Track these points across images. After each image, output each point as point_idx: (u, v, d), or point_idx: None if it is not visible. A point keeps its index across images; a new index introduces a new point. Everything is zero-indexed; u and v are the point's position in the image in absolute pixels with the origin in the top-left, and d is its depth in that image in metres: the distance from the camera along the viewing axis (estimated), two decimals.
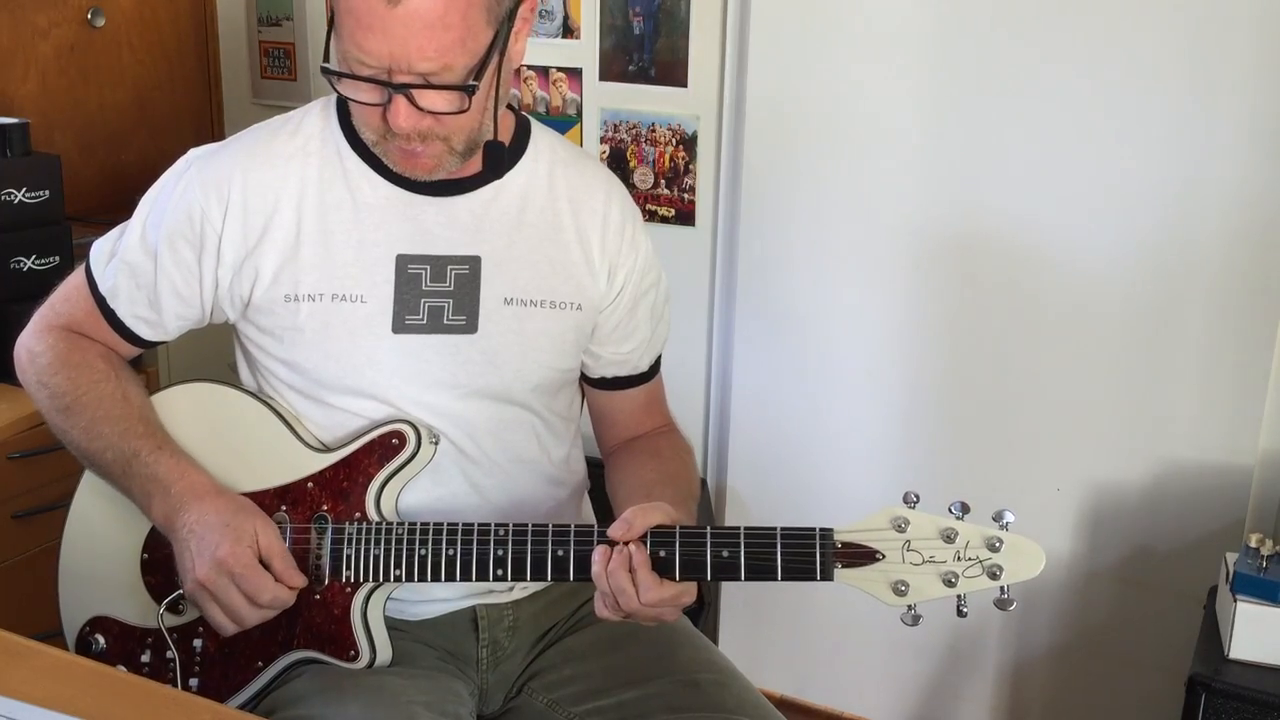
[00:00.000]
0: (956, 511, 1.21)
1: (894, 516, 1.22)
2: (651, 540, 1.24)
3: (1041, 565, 1.20)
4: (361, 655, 1.32)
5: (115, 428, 1.37)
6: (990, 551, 1.20)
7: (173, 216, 1.39)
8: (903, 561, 1.21)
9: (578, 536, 1.27)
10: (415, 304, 1.36)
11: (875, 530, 1.22)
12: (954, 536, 1.21)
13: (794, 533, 1.24)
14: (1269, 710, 1.76)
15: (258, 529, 1.29)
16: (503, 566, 1.28)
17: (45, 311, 1.48)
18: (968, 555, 1.20)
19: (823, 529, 1.23)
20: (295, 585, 1.30)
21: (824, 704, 2.60)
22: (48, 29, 2.58)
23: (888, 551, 1.21)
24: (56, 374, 1.41)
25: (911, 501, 1.22)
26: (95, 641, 1.41)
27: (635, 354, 1.52)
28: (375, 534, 1.31)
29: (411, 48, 1.20)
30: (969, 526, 1.21)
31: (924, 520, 1.22)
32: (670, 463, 1.50)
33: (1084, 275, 2.18)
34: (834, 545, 1.23)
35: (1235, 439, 2.12)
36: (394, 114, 1.25)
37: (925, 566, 1.21)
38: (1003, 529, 1.21)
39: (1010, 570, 1.20)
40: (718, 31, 2.40)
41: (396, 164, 1.33)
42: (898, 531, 1.21)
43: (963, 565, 1.20)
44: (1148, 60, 2.06)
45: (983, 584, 1.20)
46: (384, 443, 1.34)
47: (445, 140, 1.29)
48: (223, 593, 1.27)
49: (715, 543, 1.25)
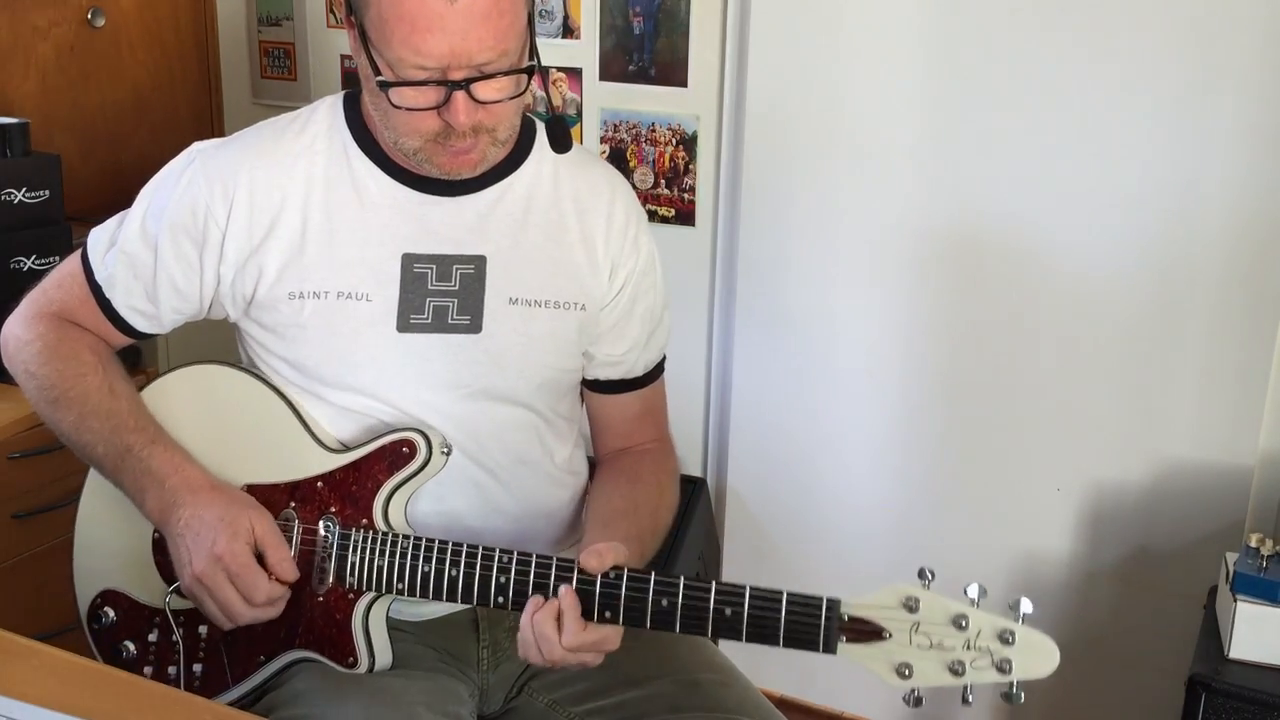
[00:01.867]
0: (973, 595, 1.16)
1: (905, 596, 1.16)
2: (654, 589, 1.22)
3: (1054, 666, 1.15)
4: (360, 662, 1.32)
5: (105, 423, 1.36)
6: (1002, 644, 1.15)
7: (175, 210, 1.38)
8: (910, 644, 1.16)
9: (581, 574, 1.25)
10: (420, 303, 1.36)
11: (885, 608, 1.17)
12: (965, 624, 1.15)
13: (800, 600, 1.19)
14: (1269, 710, 1.76)
15: (254, 522, 1.29)
16: (504, 594, 1.27)
17: (36, 296, 1.46)
18: (978, 645, 1.15)
19: (829, 599, 1.18)
20: (286, 579, 1.29)
21: (824, 704, 2.60)
22: (48, 29, 2.58)
23: (895, 631, 1.16)
24: (45, 365, 1.40)
25: (927, 579, 1.17)
26: (105, 615, 1.41)
27: (629, 356, 1.51)
28: (380, 544, 1.30)
29: (471, 40, 1.21)
30: (982, 615, 1.16)
31: (936, 604, 1.16)
32: (643, 490, 1.48)
33: (1084, 275, 2.18)
34: (840, 619, 1.18)
35: (1235, 439, 2.12)
36: (454, 112, 1.24)
37: (932, 652, 1.16)
38: (1018, 620, 1.16)
39: (1020, 666, 1.15)
40: (718, 31, 2.40)
41: (442, 167, 1.32)
42: (908, 612, 1.16)
43: (971, 655, 1.15)
44: (1148, 60, 2.06)
45: (990, 677, 1.16)
46: (395, 450, 1.34)
47: (492, 132, 1.29)
48: (219, 589, 1.26)
49: (719, 600, 1.21)
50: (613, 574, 1.24)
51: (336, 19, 2.83)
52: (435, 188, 1.37)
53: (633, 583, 1.23)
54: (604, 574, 1.24)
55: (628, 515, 1.42)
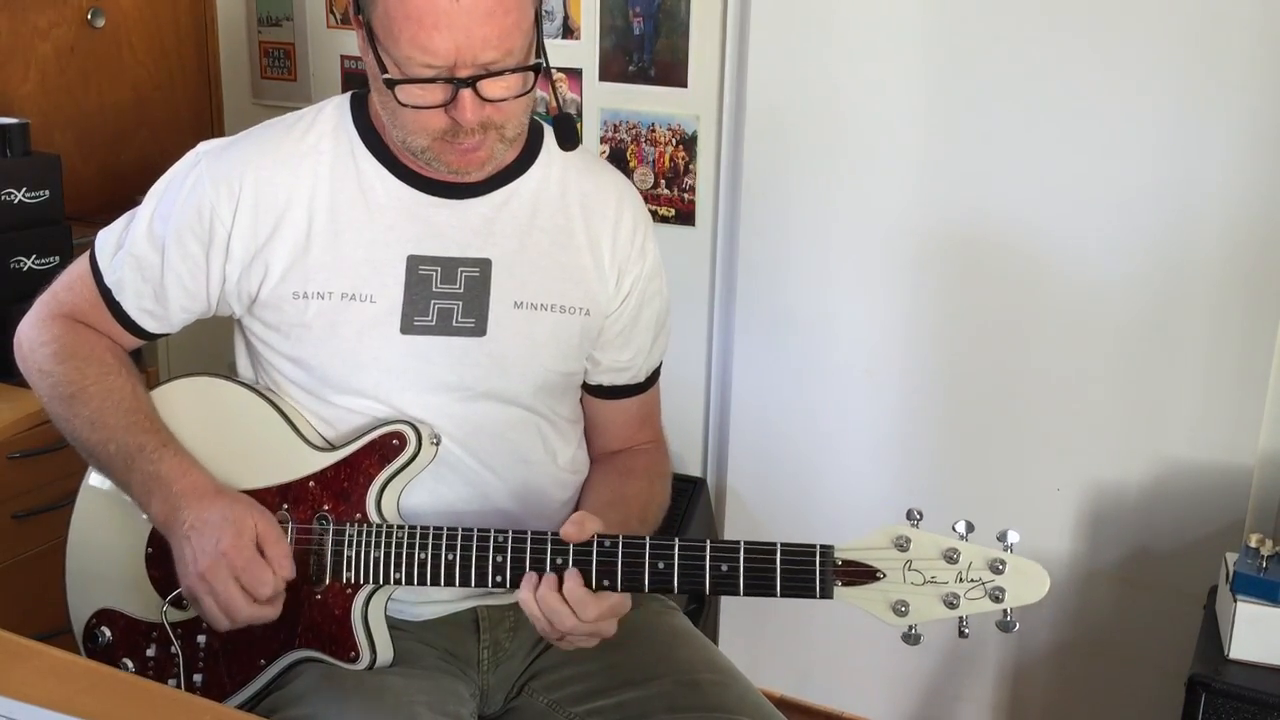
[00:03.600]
0: (960, 530, 1.19)
1: (896, 535, 1.20)
2: (650, 552, 1.24)
3: (1045, 588, 1.18)
4: (362, 656, 1.32)
5: (122, 420, 1.37)
6: (993, 573, 1.18)
7: (182, 211, 1.38)
8: (904, 581, 1.19)
9: (577, 546, 1.26)
10: (425, 305, 1.36)
11: (876, 549, 1.20)
12: (956, 557, 1.19)
13: (794, 549, 1.22)
14: (1269, 710, 1.76)
15: (257, 522, 1.29)
16: (501, 573, 1.27)
17: (47, 299, 1.47)
18: (970, 576, 1.19)
19: (823, 546, 1.21)
20: (284, 574, 1.29)
21: (824, 704, 2.60)
22: (48, 29, 2.58)
23: (888, 571, 1.20)
24: (62, 363, 1.41)
25: (915, 519, 1.20)
26: (101, 634, 1.41)
27: (635, 363, 1.51)
28: (375, 536, 1.31)
29: (476, 38, 1.21)
30: (972, 547, 1.19)
31: (926, 540, 1.19)
32: (633, 484, 1.49)
33: (1084, 275, 2.18)
34: (834, 563, 1.21)
35: (1235, 439, 2.12)
36: (460, 109, 1.25)
37: (926, 587, 1.19)
38: (1006, 550, 1.19)
39: (1013, 593, 1.18)
40: (718, 31, 2.40)
41: (450, 165, 1.32)
42: (899, 550, 1.20)
43: (965, 587, 1.19)
44: (1148, 60, 2.06)
45: (985, 606, 1.19)
46: (384, 443, 1.34)
47: (500, 129, 1.29)
48: (223, 585, 1.26)
49: (715, 557, 1.23)
50: (608, 542, 1.25)
51: (336, 19, 2.83)
52: (442, 190, 1.37)
53: (629, 549, 1.24)
54: (600, 543, 1.25)
55: (614, 506, 1.42)
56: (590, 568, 1.25)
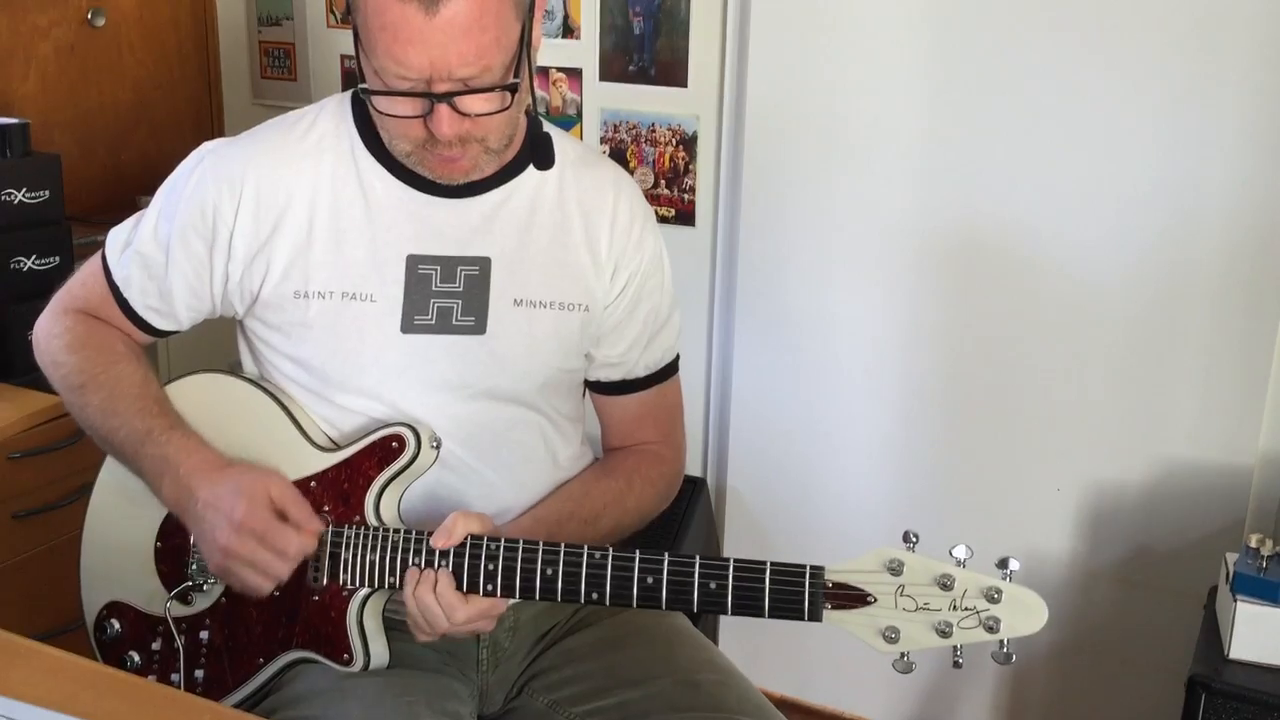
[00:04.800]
0: (960, 556, 1.15)
1: (889, 559, 1.15)
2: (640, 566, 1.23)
3: (1044, 620, 1.14)
4: (355, 659, 1.32)
5: (131, 406, 1.38)
6: (989, 602, 1.13)
7: (185, 210, 1.39)
8: (895, 607, 1.15)
9: (567, 557, 1.25)
10: (424, 304, 1.36)
11: (868, 572, 1.16)
12: (951, 584, 1.14)
13: (783, 569, 1.19)
14: (1269, 710, 1.76)
15: (269, 485, 1.29)
16: (493, 582, 1.26)
17: (63, 295, 1.50)
18: (965, 605, 1.14)
19: (813, 567, 1.18)
20: (314, 530, 1.29)
21: (824, 704, 2.60)
22: (48, 29, 2.58)
23: (880, 595, 1.16)
24: (75, 352, 1.43)
25: (910, 542, 1.16)
26: (110, 626, 1.43)
27: (628, 357, 1.50)
28: (372, 539, 1.31)
29: (451, 54, 1.20)
30: (967, 574, 1.14)
31: (920, 564, 1.15)
32: (609, 481, 1.47)
33: (1084, 275, 2.18)
34: (824, 585, 1.18)
35: (1235, 439, 2.12)
36: (436, 123, 1.24)
37: (919, 614, 1.14)
38: (1006, 577, 1.15)
39: (1009, 624, 1.13)
40: (718, 31, 2.40)
41: (433, 171, 1.32)
42: (892, 575, 1.15)
43: (958, 615, 1.14)
44: (1149, 60, 2.06)
45: (979, 636, 1.14)
46: (384, 445, 1.34)
47: (482, 141, 1.29)
48: (251, 553, 1.26)
49: (704, 573, 1.21)
50: (598, 555, 1.24)
51: (336, 18, 2.83)
52: (440, 189, 1.37)
53: (618, 562, 1.23)
54: (590, 556, 1.24)
55: (570, 498, 1.43)
56: (580, 580, 1.24)
